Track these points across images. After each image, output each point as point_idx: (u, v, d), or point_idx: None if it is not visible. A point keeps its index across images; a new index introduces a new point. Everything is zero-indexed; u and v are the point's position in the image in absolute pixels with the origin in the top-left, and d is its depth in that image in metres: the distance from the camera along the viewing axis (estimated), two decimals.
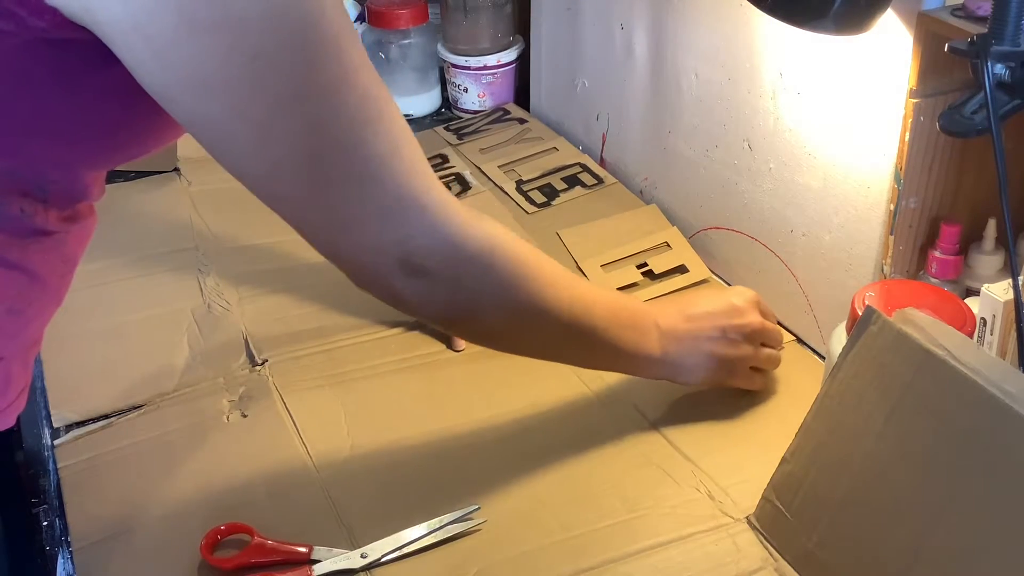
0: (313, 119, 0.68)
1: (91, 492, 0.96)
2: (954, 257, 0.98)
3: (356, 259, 0.76)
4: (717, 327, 0.98)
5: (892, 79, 0.95)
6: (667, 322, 0.96)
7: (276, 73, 0.65)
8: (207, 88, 0.64)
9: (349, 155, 0.70)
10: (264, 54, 0.64)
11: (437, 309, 0.81)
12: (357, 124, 0.70)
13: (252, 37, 0.63)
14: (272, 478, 0.97)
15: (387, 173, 0.72)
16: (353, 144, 0.70)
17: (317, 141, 0.68)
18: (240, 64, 0.63)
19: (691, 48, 1.23)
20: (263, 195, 0.72)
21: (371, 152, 0.71)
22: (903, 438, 0.79)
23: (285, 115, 0.67)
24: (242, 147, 0.68)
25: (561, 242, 1.31)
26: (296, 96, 0.66)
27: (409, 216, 0.74)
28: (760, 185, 1.16)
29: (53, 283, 0.81)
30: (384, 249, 0.75)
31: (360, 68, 0.69)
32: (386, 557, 0.89)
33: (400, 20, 1.60)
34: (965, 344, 0.78)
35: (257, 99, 0.65)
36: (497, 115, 1.61)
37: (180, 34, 0.62)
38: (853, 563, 0.82)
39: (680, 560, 0.88)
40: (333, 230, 0.74)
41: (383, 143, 0.71)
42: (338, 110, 0.68)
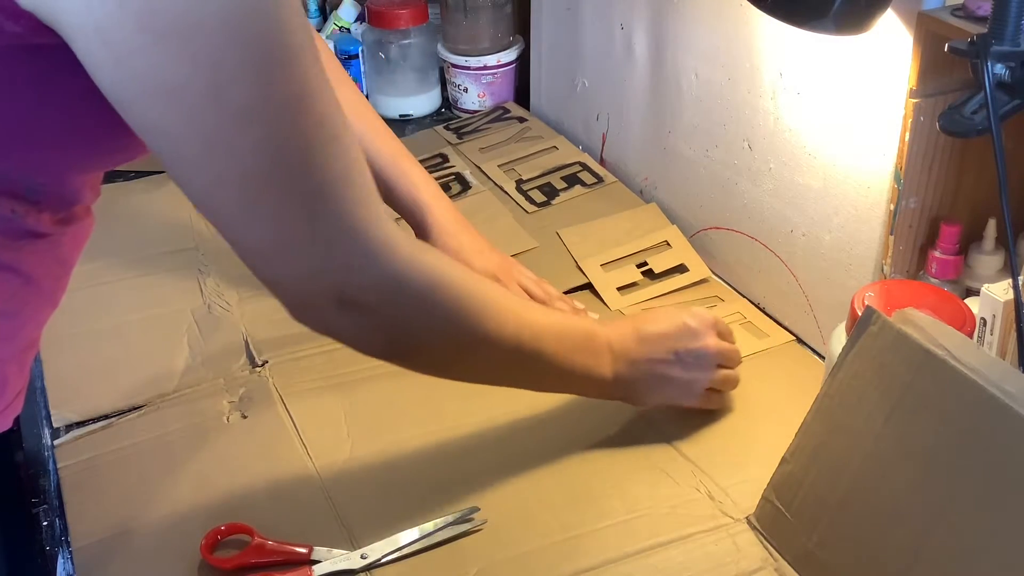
0: (265, 137, 0.66)
1: (91, 492, 0.96)
2: (954, 257, 0.98)
3: (291, 287, 0.74)
4: (670, 349, 0.97)
5: (892, 79, 0.95)
6: (620, 344, 0.95)
7: (232, 87, 0.63)
8: (161, 96, 0.63)
9: (297, 178, 0.68)
10: (222, 67, 0.62)
11: (373, 345, 0.80)
12: (309, 147, 0.67)
13: (211, 48, 0.62)
14: (272, 479, 0.97)
15: (334, 201, 0.70)
16: (303, 167, 0.68)
17: (266, 160, 0.66)
18: (196, 75, 0.62)
19: (691, 48, 1.23)
20: (204, 208, 0.70)
21: (320, 177, 0.69)
22: (903, 438, 0.79)
23: (237, 130, 0.65)
24: (189, 157, 0.66)
25: (561, 241, 1.31)
26: (250, 112, 0.65)
27: (350, 247, 0.71)
28: (760, 185, 1.16)
29: (48, 285, 0.81)
30: (321, 279, 0.72)
31: (320, 90, 0.68)
32: (386, 558, 0.89)
33: (400, 20, 1.60)
34: (965, 344, 0.78)
35: (210, 112, 0.64)
36: (497, 114, 1.61)
37: (139, 40, 0.61)
38: (853, 563, 0.82)
39: (680, 560, 0.88)
40: (270, 253, 0.71)
41: (334, 169, 0.69)
42: (291, 130, 0.66)
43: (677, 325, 0.98)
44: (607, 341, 0.94)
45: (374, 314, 0.75)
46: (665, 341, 0.97)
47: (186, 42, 0.61)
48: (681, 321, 0.98)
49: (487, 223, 1.32)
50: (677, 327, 0.98)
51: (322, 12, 1.80)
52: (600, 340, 0.94)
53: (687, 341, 0.97)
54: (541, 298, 1.16)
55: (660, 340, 0.97)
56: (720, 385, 1.01)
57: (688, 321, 0.98)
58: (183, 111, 0.64)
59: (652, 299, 1.21)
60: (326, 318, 0.75)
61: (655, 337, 0.97)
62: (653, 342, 0.96)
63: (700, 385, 0.99)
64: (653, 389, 0.98)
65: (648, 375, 0.97)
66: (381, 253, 0.73)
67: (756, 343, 1.14)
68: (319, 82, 0.68)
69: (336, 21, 1.73)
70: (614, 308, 1.20)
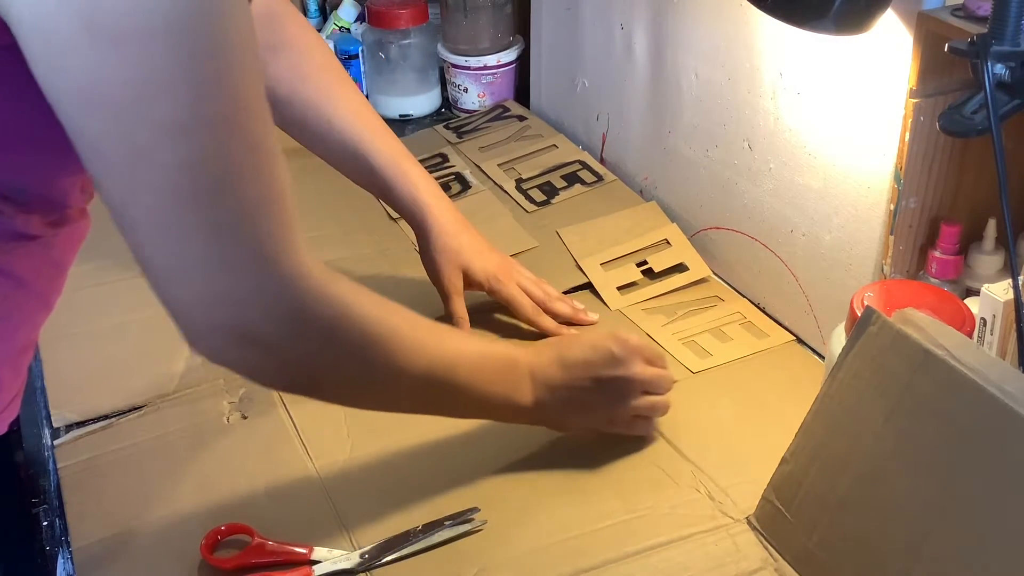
0: (187, 155, 0.64)
1: (91, 492, 0.96)
2: (954, 257, 0.98)
3: (189, 311, 0.70)
4: (592, 377, 0.95)
5: (892, 79, 0.95)
6: (541, 372, 0.94)
7: (163, 99, 0.62)
8: (91, 100, 0.62)
9: (213, 200, 0.66)
10: (155, 77, 0.61)
11: (273, 379, 0.78)
12: (231, 170, 0.66)
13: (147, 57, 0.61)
14: (272, 479, 0.97)
15: (246, 228, 0.68)
16: (220, 190, 0.66)
17: (185, 178, 0.65)
18: (128, 82, 0.61)
19: (691, 48, 1.23)
20: (116, 215, 0.68)
21: (236, 203, 0.67)
22: (903, 438, 0.79)
23: (161, 144, 0.63)
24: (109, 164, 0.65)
25: (561, 241, 1.31)
26: (178, 127, 0.63)
27: (255, 278, 0.69)
28: (760, 185, 1.16)
29: (41, 288, 0.80)
30: (220, 307, 0.70)
31: (254, 114, 0.66)
32: (386, 558, 0.89)
33: (400, 20, 1.60)
34: (965, 344, 0.78)
35: (137, 122, 0.63)
36: (496, 112, 1.61)
37: (76, 40, 0.60)
38: (853, 563, 0.82)
39: (680, 560, 0.88)
40: (173, 273, 0.69)
41: (252, 196, 0.68)
42: (216, 151, 0.65)
43: (600, 352, 0.96)
44: (528, 368, 0.93)
45: (273, 348, 0.73)
46: (587, 368, 0.95)
47: (122, 47, 0.60)
48: (604, 347, 0.96)
49: (487, 223, 1.32)
50: (599, 354, 0.96)
51: (322, 12, 1.80)
52: (521, 367, 0.93)
53: (609, 368, 0.95)
54: (540, 298, 1.16)
55: (583, 367, 0.95)
56: (646, 412, 0.99)
57: (611, 348, 0.96)
58: (110, 117, 0.63)
59: (652, 298, 1.21)
60: (223, 348, 0.72)
61: (577, 364, 0.95)
62: (575, 368, 0.95)
63: (624, 412, 0.98)
64: (575, 416, 0.97)
65: (570, 402, 0.95)
66: (286, 286, 0.71)
67: (756, 343, 1.14)
68: (255, 105, 0.67)
69: (336, 21, 1.73)
70: (614, 308, 1.20)
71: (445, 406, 0.91)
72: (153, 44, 0.61)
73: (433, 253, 1.12)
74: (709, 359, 1.12)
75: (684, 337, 1.15)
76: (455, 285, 1.13)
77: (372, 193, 1.16)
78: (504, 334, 1.16)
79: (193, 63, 0.62)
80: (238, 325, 0.70)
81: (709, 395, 1.07)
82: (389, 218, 1.35)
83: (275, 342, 0.72)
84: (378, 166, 1.11)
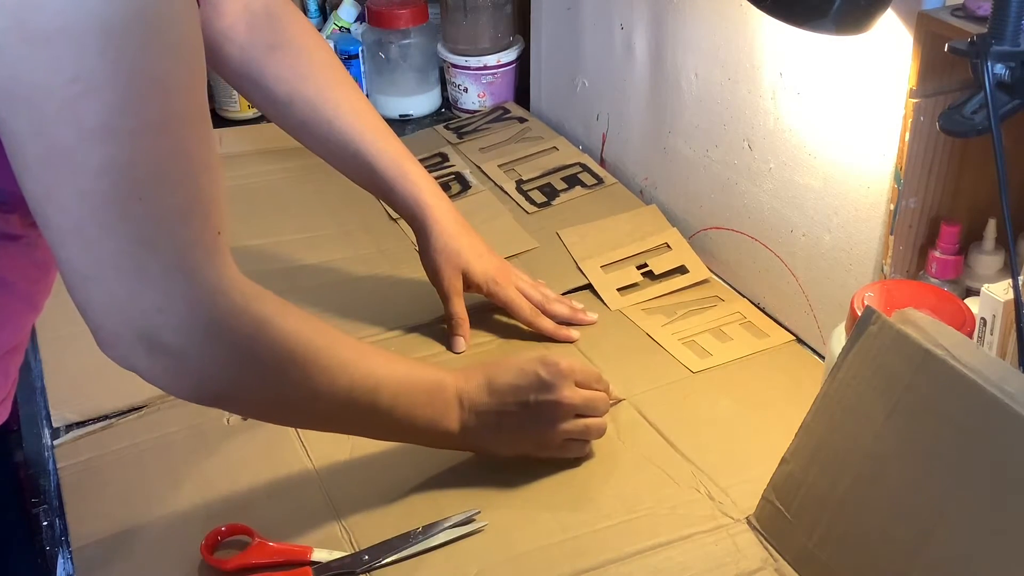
0: (112, 158, 0.63)
1: (91, 492, 0.96)
2: (954, 257, 0.98)
3: (101, 315, 0.69)
4: (520, 402, 0.93)
5: (892, 79, 0.95)
6: (469, 396, 0.92)
7: (91, 101, 0.62)
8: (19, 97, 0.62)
9: (134, 205, 0.65)
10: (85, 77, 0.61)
11: (180, 390, 0.76)
12: (156, 177, 0.65)
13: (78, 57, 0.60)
14: (273, 480, 0.97)
15: (167, 236, 0.67)
16: (144, 195, 0.65)
17: (107, 181, 0.64)
18: (56, 83, 0.61)
19: (691, 48, 1.23)
20: (36, 212, 0.67)
21: (159, 210, 0.66)
22: (903, 438, 0.79)
23: (86, 146, 0.63)
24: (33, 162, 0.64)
25: (561, 242, 1.31)
26: (104, 130, 0.63)
27: (170, 287, 0.68)
28: (760, 185, 1.16)
29: (25, 288, 0.80)
30: (132, 313, 0.69)
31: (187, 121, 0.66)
32: (386, 559, 0.89)
33: (400, 20, 1.60)
34: (965, 344, 0.78)
35: (63, 123, 0.62)
36: (497, 114, 1.61)
37: (8, 38, 0.60)
38: (853, 563, 0.82)
39: (680, 561, 0.88)
40: (88, 275, 0.68)
41: (177, 204, 0.67)
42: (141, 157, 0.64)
43: (527, 376, 0.94)
44: (456, 393, 0.92)
45: (185, 360, 0.72)
46: (516, 393, 0.93)
47: (52, 47, 0.60)
48: (531, 372, 0.94)
49: (487, 223, 1.32)
50: (527, 378, 0.94)
51: (322, 12, 1.80)
52: (448, 392, 0.92)
53: (538, 393, 0.94)
54: (538, 301, 1.16)
55: (511, 392, 0.93)
56: (580, 435, 0.97)
57: (539, 372, 0.94)
58: (36, 117, 0.62)
59: (652, 299, 1.21)
60: (133, 355, 0.71)
61: (506, 388, 0.93)
62: (503, 393, 0.93)
63: (555, 436, 0.96)
64: (503, 441, 0.95)
65: (498, 427, 0.94)
66: (203, 298, 0.70)
67: (756, 343, 1.14)
68: (189, 113, 0.66)
69: (336, 21, 1.73)
70: (614, 308, 1.20)
71: (368, 428, 0.91)
72: (83, 45, 0.60)
73: (433, 254, 1.12)
74: (709, 359, 1.12)
75: (684, 337, 1.15)
76: (455, 286, 1.13)
77: (372, 193, 1.16)
78: (503, 335, 1.16)
79: (124, 67, 0.62)
80: (149, 333, 0.69)
81: (709, 395, 1.07)
82: (389, 218, 1.35)
83: (187, 354, 0.71)
84: (379, 166, 1.11)
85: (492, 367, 0.96)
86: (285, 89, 1.09)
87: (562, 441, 0.96)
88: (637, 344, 1.15)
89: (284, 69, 1.09)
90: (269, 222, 1.36)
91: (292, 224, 1.35)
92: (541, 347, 1.14)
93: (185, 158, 0.67)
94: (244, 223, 1.35)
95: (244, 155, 1.51)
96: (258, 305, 0.75)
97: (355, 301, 1.21)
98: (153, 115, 0.64)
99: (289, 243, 1.31)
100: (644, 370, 1.11)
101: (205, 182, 0.69)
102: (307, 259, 1.29)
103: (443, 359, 1.13)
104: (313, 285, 1.24)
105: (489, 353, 1.14)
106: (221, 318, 0.72)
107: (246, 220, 1.35)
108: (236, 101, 1.60)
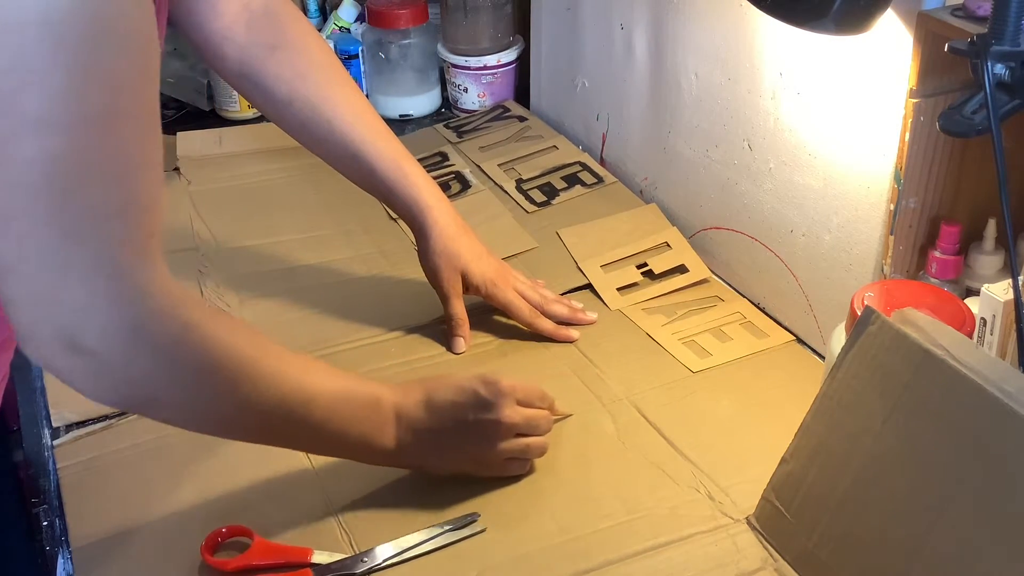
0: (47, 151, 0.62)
1: (91, 492, 0.96)
2: (954, 257, 0.98)
3: (22, 311, 0.68)
4: (459, 420, 0.92)
5: (892, 79, 0.95)
6: (407, 413, 0.90)
7: (31, 90, 0.61)
8: None
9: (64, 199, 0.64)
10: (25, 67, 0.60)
11: (98, 393, 0.73)
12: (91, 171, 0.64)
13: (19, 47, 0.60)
14: (273, 481, 0.97)
15: (95, 233, 0.66)
16: (75, 190, 0.64)
17: (39, 172, 0.63)
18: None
19: (691, 48, 1.22)
20: None
21: (89, 206, 0.65)
22: (902, 438, 0.79)
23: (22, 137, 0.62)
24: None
25: (561, 242, 1.31)
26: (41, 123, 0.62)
27: (94, 286, 0.67)
28: (760, 185, 1.16)
29: None
30: (54, 310, 0.67)
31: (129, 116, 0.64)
32: (386, 561, 0.89)
33: (400, 20, 1.60)
34: (964, 344, 0.78)
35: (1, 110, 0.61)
36: (497, 112, 1.61)
37: None
38: (853, 563, 0.82)
39: (680, 561, 0.88)
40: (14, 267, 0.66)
41: (109, 202, 0.66)
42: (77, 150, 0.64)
43: (466, 394, 0.92)
44: (394, 410, 0.90)
45: (104, 363, 0.69)
46: (454, 411, 0.92)
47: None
48: (470, 390, 0.92)
49: (487, 223, 1.32)
50: (466, 396, 0.92)
51: (322, 12, 1.80)
52: (385, 408, 0.90)
53: (477, 412, 0.92)
54: (537, 302, 1.15)
55: (449, 409, 0.92)
56: (520, 454, 0.95)
57: (478, 390, 0.92)
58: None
59: (652, 299, 1.21)
60: (51, 354, 0.69)
61: (444, 406, 0.92)
62: (442, 411, 0.91)
63: (494, 456, 0.94)
64: (441, 460, 0.94)
65: (435, 445, 0.92)
66: (127, 300, 0.68)
67: (756, 343, 1.14)
68: (132, 109, 0.65)
69: (336, 21, 1.73)
70: (613, 308, 1.20)
71: (300, 442, 0.89)
72: (25, 35, 0.60)
73: (433, 255, 1.12)
74: (709, 359, 1.12)
75: (684, 337, 1.15)
76: (455, 287, 1.13)
77: (372, 195, 1.16)
78: (503, 335, 1.16)
79: (63, 59, 0.61)
80: (70, 332, 0.68)
81: (709, 395, 1.07)
82: (389, 218, 1.35)
83: (106, 356, 0.69)
84: (378, 168, 1.11)
85: (433, 383, 0.94)
86: (284, 89, 1.09)
87: (502, 461, 0.95)
88: (637, 344, 1.15)
89: (284, 69, 1.09)
90: (269, 222, 1.36)
91: (292, 224, 1.35)
92: (540, 348, 1.14)
93: (123, 156, 0.66)
94: (244, 223, 1.35)
95: (244, 155, 1.51)
96: (186, 311, 0.73)
97: (355, 301, 1.21)
98: (92, 109, 0.63)
99: (289, 243, 1.31)
100: (644, 370, 1.10)
101: (142, 182, 0.68)
102: (307, 259, 1.29)
103: (444, 360, 1.13)
104: (313, 285, 1.24)
105: (489, 354, 1.14)
106: (145, 321, 0.70)
107: (246, 220, 1.36)
108: (236, 101, 1.60)
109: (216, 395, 0.77)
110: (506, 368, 1.10)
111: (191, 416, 0.80)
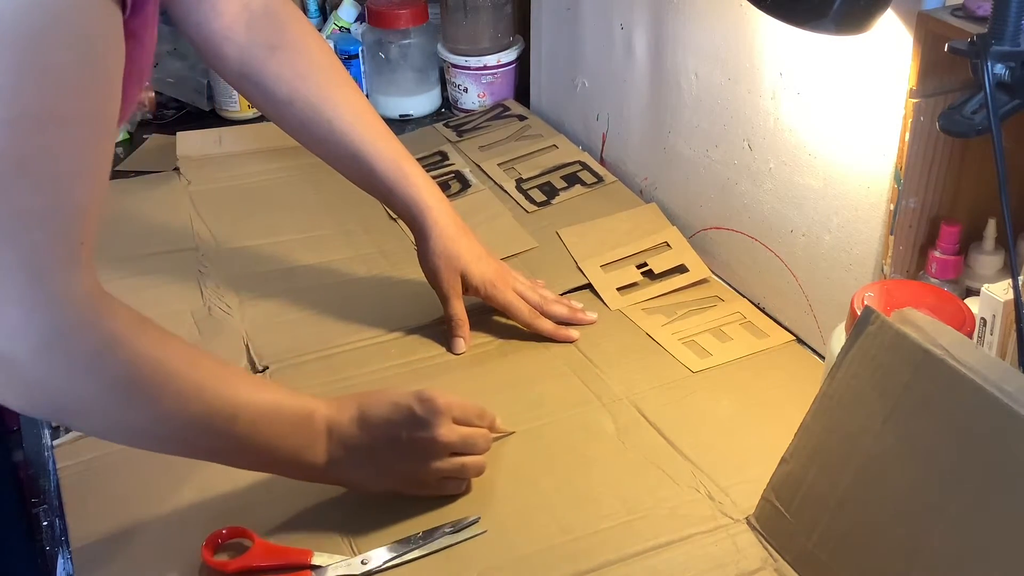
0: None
1: (91, 492, 0.96)
2: (954, 257, 0.98)
3: None
4: (392, 438, 0.89)
5: (892, 79, 0.95)
6: (339, 428, 0.88)
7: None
8: None
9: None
10: None
11: (13, 400, 0.71)
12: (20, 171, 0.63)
13: None
14: (274, 482, 0.96)
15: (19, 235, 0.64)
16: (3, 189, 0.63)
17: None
18: None
19: (691, 48, 1.22)
20: None
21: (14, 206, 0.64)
22: (902, 438, 0.79)
23: None
24: None
25: (561, 242, 1.31)
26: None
27: (12, 289, 0.65)
28: (760, 185, 1.16)
29: None
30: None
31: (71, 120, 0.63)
32: (387, 563, 0.89)
33: (400, 20, 1.60)
34: (964, 344, 0.78)
35: None
36: (496, 111, 1.61)
37: None
38: (853, 563, 0.82)
39: (680, 561, 0.88)
40: None
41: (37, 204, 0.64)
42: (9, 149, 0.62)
43: (401, 411, 0.90)
44: (325, 425, 0.88)
45: (12, 366, 0.67)
46: (387, 428, 0.89)
47: None
48: (405, 407, 0.90)
49: (487, 223, 1.32)
50: (401, 413, 0.90)
51: (322, 12, 1.80)
52: (316, 423, 0.87)
53: (411, 430, 0.90)
54: (536, 302, 1.15)
55: (383, 427, 0.89)
56: (455, 474, 0.93)
57: (413, 407, 0.90)
58: None
59: (652, 299, 1.21)
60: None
61: (378, 423, 0.89)
62: (375, 428, 0.89)
63: (429, 475, 0.92)
64: (372, 477, 0.91)
65: (367, 463, 0.90)
66: (45, 306, 0.66)
67: (756, 343, 1.14)
68: (77, 112, 0.64)
69: (336, 21, 1.73)
70: (613, 308, 1.20)
71: (226, 456, 0.87)
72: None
73: (432, 256, 1.12)
74: (709, 359, 1.12)
75: (684, 337, 1.15)
76: (454, 288, 1.13)
77: (372, 195, 1.16)
78: (503, 336, 1.16)
79: (4, 54, 0.60)
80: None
81: (709, 395, 1.07)
82: (389, 218, 1.35)
83: (17, 361, 0.67)
84: (378, 168, 1.11)
85: (368, 398, 0.91)
86: (285, 89, 1.09)
87: (437, 479, 0.93)
88: (637, 344, 1.15)
89: (284, 69, 1.09)
90: (269, 222, 1.36)
91: (292, 224, 1.35)
92: (540, 348, 1.14)
93: (56, 159, 0.64)
94: (244, 223, 1.35)
95: (244, 155, 1.52)
96: (110, 322, 0.71)
97: (355, 302, 1.21)
98: (31, 108, 0.62)
99: (289, 243, 1.31)
100: (644, 370, 1.10)
101: (76, 188, 0.66)
102: (307, 259, 1.29)
103: (444, 360, 1.13)
104: (313, 285, 1.24)
105: (489, 354, 1.14)
106: (63, 329, 0.68)
107: (246, 220, 1.36)
108: (236, 101, 1.60)
109: (135, 408, 0.75)
110: (505, 370, 1.10)
111: (113, 429, 0.79)
